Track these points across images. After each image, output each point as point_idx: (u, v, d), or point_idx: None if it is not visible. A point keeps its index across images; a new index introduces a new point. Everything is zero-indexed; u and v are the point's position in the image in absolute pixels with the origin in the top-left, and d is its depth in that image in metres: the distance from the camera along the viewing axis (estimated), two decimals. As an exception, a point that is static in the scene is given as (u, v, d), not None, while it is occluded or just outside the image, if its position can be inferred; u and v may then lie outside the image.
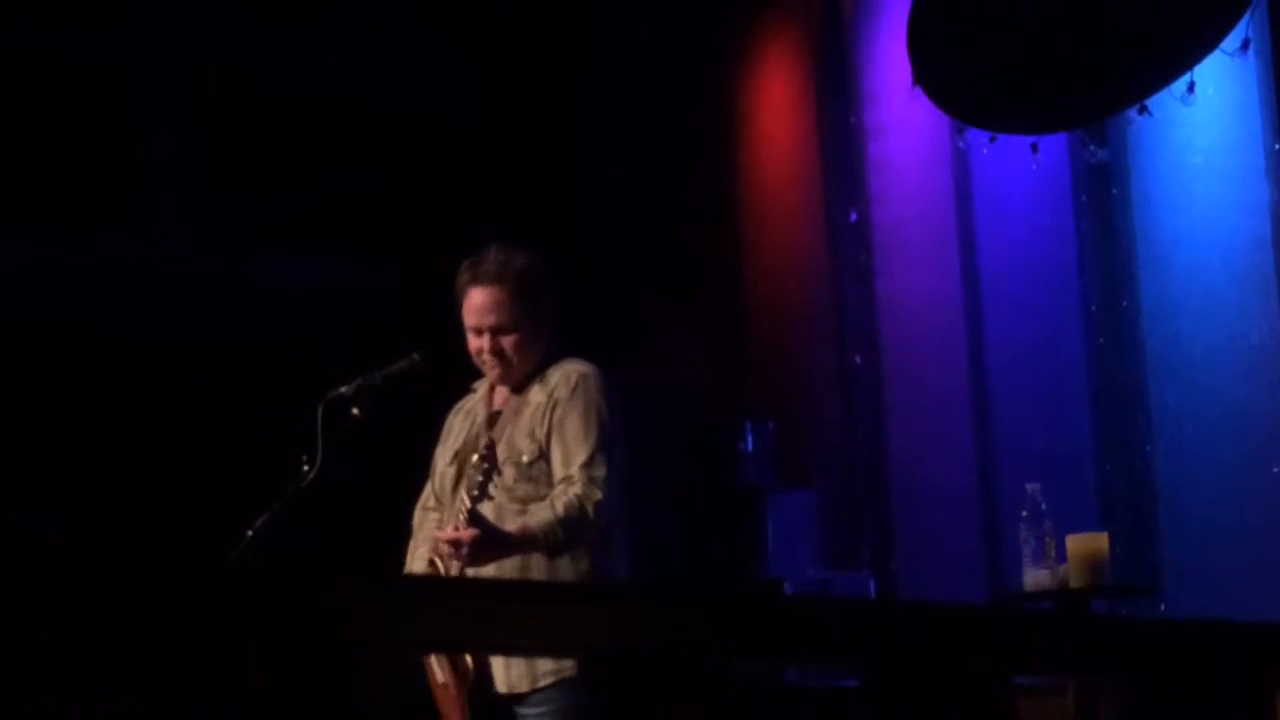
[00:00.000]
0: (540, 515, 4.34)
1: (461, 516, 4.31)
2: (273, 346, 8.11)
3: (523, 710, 4.41)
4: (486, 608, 2.61)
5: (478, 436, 4.57)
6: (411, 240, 8.34)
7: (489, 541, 4.29)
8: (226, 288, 8.31)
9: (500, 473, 4.41)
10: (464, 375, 4.72)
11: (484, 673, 4.40)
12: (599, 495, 4.34)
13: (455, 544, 4.29)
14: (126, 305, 8.15)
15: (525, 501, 4.42)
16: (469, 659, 4.39)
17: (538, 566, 4.39)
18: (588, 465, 4.38)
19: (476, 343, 4.55)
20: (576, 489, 4.35)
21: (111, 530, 7.43)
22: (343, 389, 4.42)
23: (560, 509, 4.32)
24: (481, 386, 4.69)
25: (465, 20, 8.78)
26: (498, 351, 4.52)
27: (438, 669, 4.44)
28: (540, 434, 4.45)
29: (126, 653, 6.79)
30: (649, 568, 7.49)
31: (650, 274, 8.38)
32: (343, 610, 2.44)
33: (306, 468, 4.32)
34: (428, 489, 4.71)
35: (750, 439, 7.48)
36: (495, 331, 4.52)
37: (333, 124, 8.58)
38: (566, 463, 4.41)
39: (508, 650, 4.01)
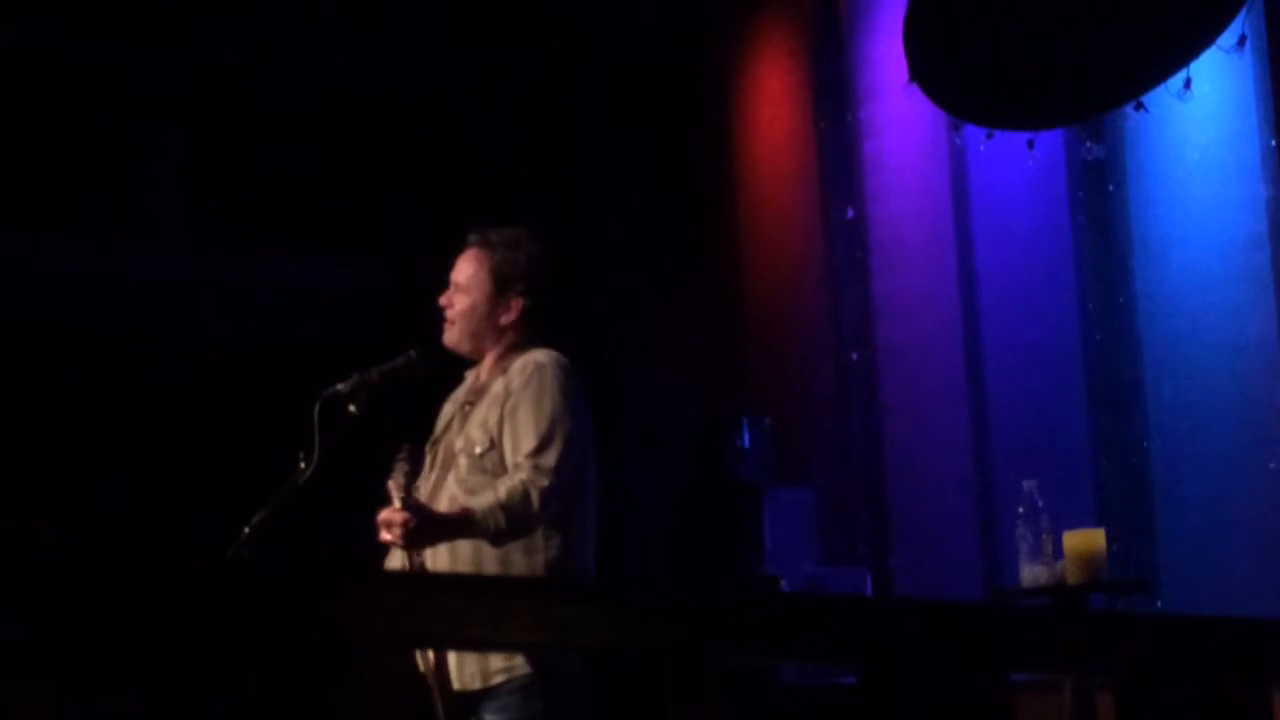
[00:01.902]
0: (482, 499, 4.29)
1: (395, 503, 4.27)
2: (271, 346, 8.12)
3: (480, 710, 4.37)
4: (484, 604, 2.61)
5: (448, 427, 4.58)
6: (410, 239, 8.34)
7: (424, 524, 4.25)
8: (225, 288, 8.31)
9: (451, 468, 4.40)
10: (461, 373, 4.73)
11: (443, 670, 4.37)
12: (544, 482, 4.27)
13: (388, 524, 4.25)
14: (126, 305, 8.16)
15: (478, 492, 4.37)
16: (429, 656, 4.34)
17: (489, 560, 4.32)
18: (535, 453, 4.31)
19: (443, 296, 4.60)
20: (522, 474, 4.28)
21: (110, 529, 7.43)
22: (339, 386, 4.42)
23: (503, 493, 4.26)
24: (471, 375, 4.69)
25: (465, 19, 8.78)
26: (449, 305, 4.56)
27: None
28: (492, 424, 4.41)
29: (123, 651, 6.79)
30: (646, 564, 7.52)
31: (648, 272, 8.39)
32: (338, 606, 2.45)
33: (303, 465, 4.32)
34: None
35: (747, 436, 7.49)
36: (456, 287, 4.56)
37: (331, 123, 8.59)
38: (515, 450, 4.36)
39: (506, 647, 4.01)
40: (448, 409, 4.69)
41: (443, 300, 4.59)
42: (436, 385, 4.71)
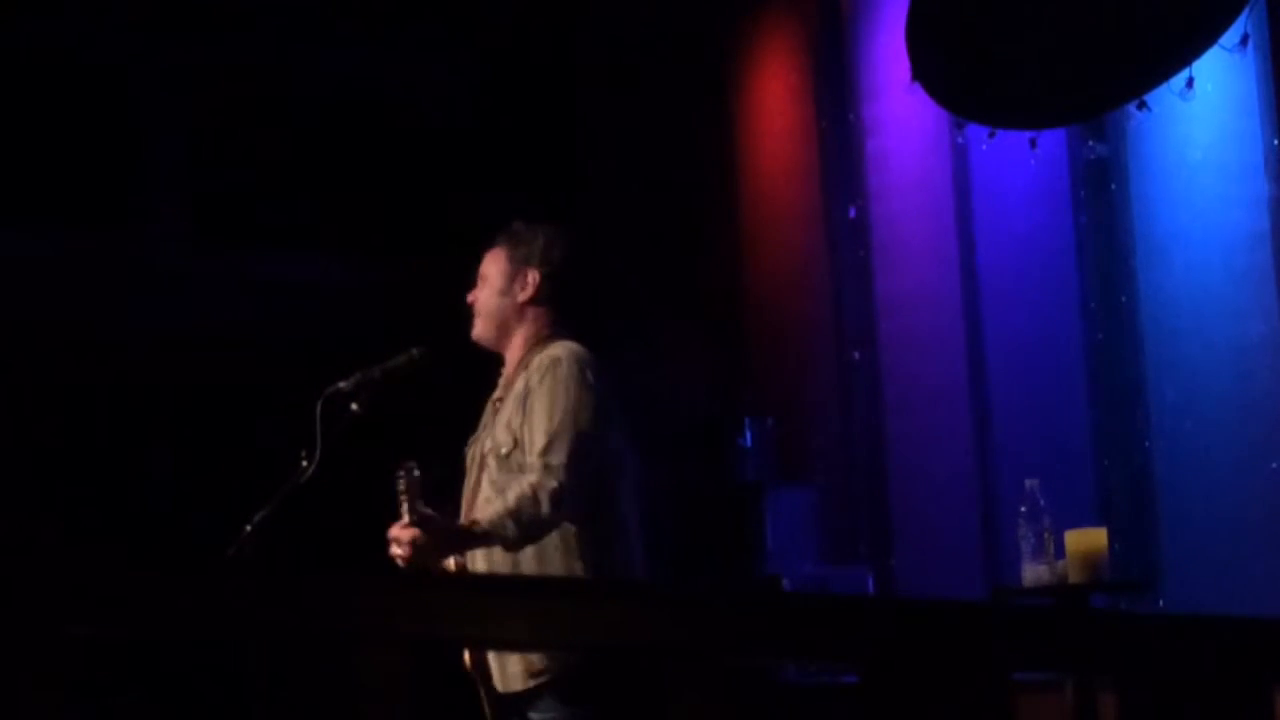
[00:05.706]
0: (491, 508, 4.26)
1: (405, 517, 4.24)
2: (272, 345, 8.12)
3: (529, 713, 4.37)
4: (486, 603, 2.61)
5: (485, 427, 4.58)
6: (410, 239, 8.35)
7: (434, 538, 4.23)
8: (226, 287, 8.31)
9: (484, 469, 4.39)
10: (460, 373, 4.72)
11: (484, 671, 4.38)
12: (554, 483, 4.20)
13: (397, 540, 4.23)
14: (126, 305, 8.16)
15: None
16: (467, 658, 4.37)
17: (527, 561, 4.30)
18: (545, 452, 4.26)
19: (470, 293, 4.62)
20: (531, 477, 4.23)
21: (111, 529, 7.43)
22: (341, 384, 4.41)
23: (511, 500, 4.21)
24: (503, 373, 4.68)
25: (465, 20, 8.78)
26: (474, 300, 4.58)
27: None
28: (515, 424, 4.38)
29: (125, 652, 6.79)
30: (648, 564, 7.50)
31: (649, 271, 8.38)
32: (342, 606, 2.44)
33: (305, 463, 4.31)
34: None
35: (749, 435, 7.48)
36: (480, 280, 4.58)
37: (331, 123, 8.59)
38: (530, 449, 4.32)
39: (508, 646, 4.01)
40: (486, 409, 4.67)
41: (470, 296, 4.60)
42: (437, 384, 4.70)
